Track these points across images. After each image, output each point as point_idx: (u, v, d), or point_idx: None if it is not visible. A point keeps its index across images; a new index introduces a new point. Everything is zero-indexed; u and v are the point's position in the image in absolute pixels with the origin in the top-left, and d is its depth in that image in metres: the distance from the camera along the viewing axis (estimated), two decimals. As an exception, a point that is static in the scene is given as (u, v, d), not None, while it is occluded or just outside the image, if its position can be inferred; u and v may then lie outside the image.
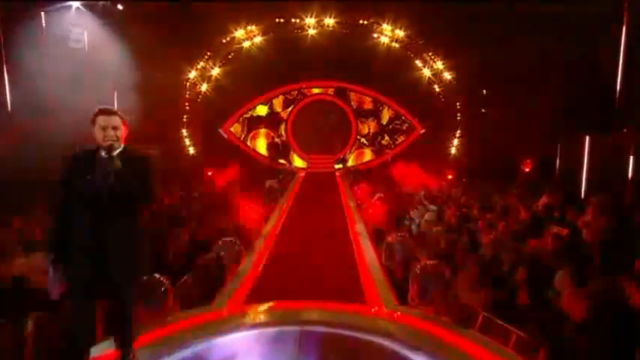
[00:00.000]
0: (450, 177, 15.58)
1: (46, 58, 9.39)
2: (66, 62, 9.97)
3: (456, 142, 16.26)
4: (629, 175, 9.14)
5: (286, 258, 6.20)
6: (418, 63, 15.97)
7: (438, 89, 16.24)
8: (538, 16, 10.99)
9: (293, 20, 15.30)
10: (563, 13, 10.59)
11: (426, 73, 16.04)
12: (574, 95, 10.60)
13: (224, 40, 15.23)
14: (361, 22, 15.21)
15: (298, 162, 17.89)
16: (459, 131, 16.10)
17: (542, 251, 5.69)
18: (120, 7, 11.79)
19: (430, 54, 15.65)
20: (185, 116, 15.78)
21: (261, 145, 17.74)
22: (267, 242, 7.06)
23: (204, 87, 15.92)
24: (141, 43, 11.98)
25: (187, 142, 15.99)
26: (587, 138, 9.98)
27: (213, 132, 16.96)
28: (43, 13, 9.65)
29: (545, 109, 11.04)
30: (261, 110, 17.77)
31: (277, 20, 15.08)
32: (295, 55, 15.35)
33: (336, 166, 17.57)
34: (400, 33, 15.23)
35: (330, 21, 15.25)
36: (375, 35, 15.54)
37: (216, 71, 15.84)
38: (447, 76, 15.63)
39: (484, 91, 15.10)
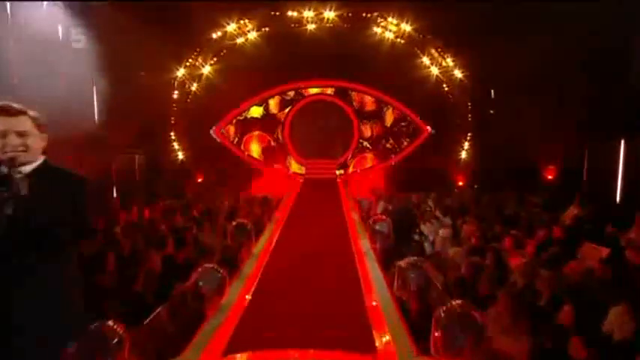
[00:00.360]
0: (460, 184, 15.22)
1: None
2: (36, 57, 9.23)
3: (466, 145, 15.62)
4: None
5: (278, 287, 5.40)
6: (425, 60, 15.38)
7: (446, 88, 15.67)
8: (560, 11, 10.36)
9: (290, 14, 14.74)
10: (588, 7, 9.84)
11: (434, 71, 15.46)
12: (601, 95, 9.79)
13: (215, 36, 14.64)
14: (364, 15, 14.65)
15: (296, 167, 17.33)
16: (469, 133, 15.50)
17: (585, 278, 4.91)
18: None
19: (439, 50, 15.03)
20: (173, 118, 15.16)
21: (255, 149, 17.17)
22: (258, 265, 6.26)
23: (194, 86, 15.36)
24: (122, 38, 11.16)
25: (176, 145, 15.35)
26: (623, 142, 9.20)
27: (205, 135, 16.34)
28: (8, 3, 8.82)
29: (570, 110, 10.27)
30: (256, 111, 17.15)
31: (272, 13, 14.56)
32: (292, 52, 14.70)
33: (337, 172, 16.99)
34: (407, 27, 14.60)
35: (330, 14, 14.63)
36: (379, 30, 15.00)
37: (207, 69, 15.30)
38: (458, 74, 14.95)
39: (492, 92, 14.52)
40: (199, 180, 15.36)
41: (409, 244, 7.83)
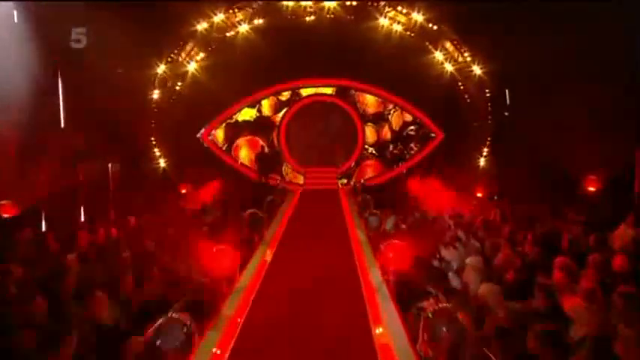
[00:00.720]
0: (479, 195, 14.02)
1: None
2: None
3: (485, 150, 14.71)
4: None
5: (263, 340, 4.29)
6: (439, 55, 14.47)
7: (462, 87, 14.80)
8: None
9: (285, 3, 13.99)
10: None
11: (448, 67, 14.58)
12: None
13: (201, 28, 13.67)
14: (370, 3, 13.84)
15: (293, 177, 16.71)
16: (489, 137, 14.58)
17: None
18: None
19: (455, 43, 14.10)
20: (153, 121, 14.16)
21: (247, 157, 16.47)
22: (241, 307, 5.16)
23: (177, 85, 14.47)
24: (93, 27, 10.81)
25: (156, 152, 14.38)
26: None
27: (190, 140, 15.62)
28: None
29: (616, 108, 9.35)
30: (248, 114, 16.57)
31: (267, 2, 13.82)
32: (289, 48, 14.20)
33: (339, 182, 16.31)
34: (418, 17, 13.70)
35: (331, 3, 13.89)
36: (387, 22, 14.15)
37: (192, 66, 14.40)
38: (477, 69, 13.92)
39: (514, 89, 13.63)
40: (183, 192, 14.20)
41: (428, 271, 6.81)
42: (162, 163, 14.52)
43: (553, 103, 11.45)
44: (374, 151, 16.86)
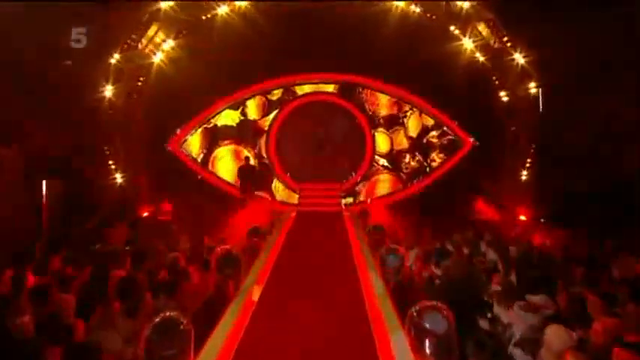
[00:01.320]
0: (522, 218, 13.54)
1: None
2: None
3: (529, 161, 13.83)
4: None
5: None
6: (468, 42, 13.53)
7: (497, 82, 13.97)
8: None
9: None
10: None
11: (480, 57, 13.74)
12: None
13: (167, 7, 12.60)
14: None
15: (285, 195, 15.80)
16: (533, 145, 13.74)
17: None
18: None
19: (490, 25, 13.13)
20: (108, 126, 13.03)
21: (228, 170, 15.59)
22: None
23: (139, 81, 13.44)
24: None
25: (111, 165, 13.20)
26: None
27: (156, 149, 14.60)
28: None
29: None
30: (230, 117, 15.80)
31: None
32: (280, 34, 13.59)
33: (344, 202, 15.35)
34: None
35: None
36: (402, 2, 13.40)
37: (158, 57, 13.36)
38: (519, 58, 12.79)
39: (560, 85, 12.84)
40: (144, 215, 13.41)
41: (471, 338, 5.22)
42: (118, 178, 13.23)
43: (608, 102, 11.68)
44: (386, 163, 16.05)
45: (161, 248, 8.40)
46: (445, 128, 15.74)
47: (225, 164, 15.67)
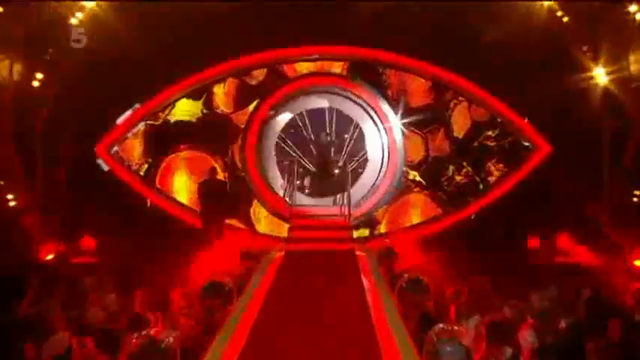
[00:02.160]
0: (637, 263, 12.22)
1: None
2: None
3: None
4: None
5: None
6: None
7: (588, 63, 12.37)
8: None
9: None
10: None
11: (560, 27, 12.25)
12: None
13: None
14: None
15: (268, 225, 14.12)
16: None
17: None
18: None
19: None
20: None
21: (183, 187, 13.91)
22: None
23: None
24: None
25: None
26: None
27: (74, 157, 13.09)
28: None
29: None
30: (187, 109, 14.06)
31: None
32: None
33: (356, 235, 13.41)
34: None
35: None
36: None
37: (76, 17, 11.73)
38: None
39: None
40: (49, 257, 12.00)
41: None
42: (11, 199, 11.69)
43: None
44: (419, 178, 14.26)
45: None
46: (507, 127, 14.00)
47: (180, 179, 13.89)
